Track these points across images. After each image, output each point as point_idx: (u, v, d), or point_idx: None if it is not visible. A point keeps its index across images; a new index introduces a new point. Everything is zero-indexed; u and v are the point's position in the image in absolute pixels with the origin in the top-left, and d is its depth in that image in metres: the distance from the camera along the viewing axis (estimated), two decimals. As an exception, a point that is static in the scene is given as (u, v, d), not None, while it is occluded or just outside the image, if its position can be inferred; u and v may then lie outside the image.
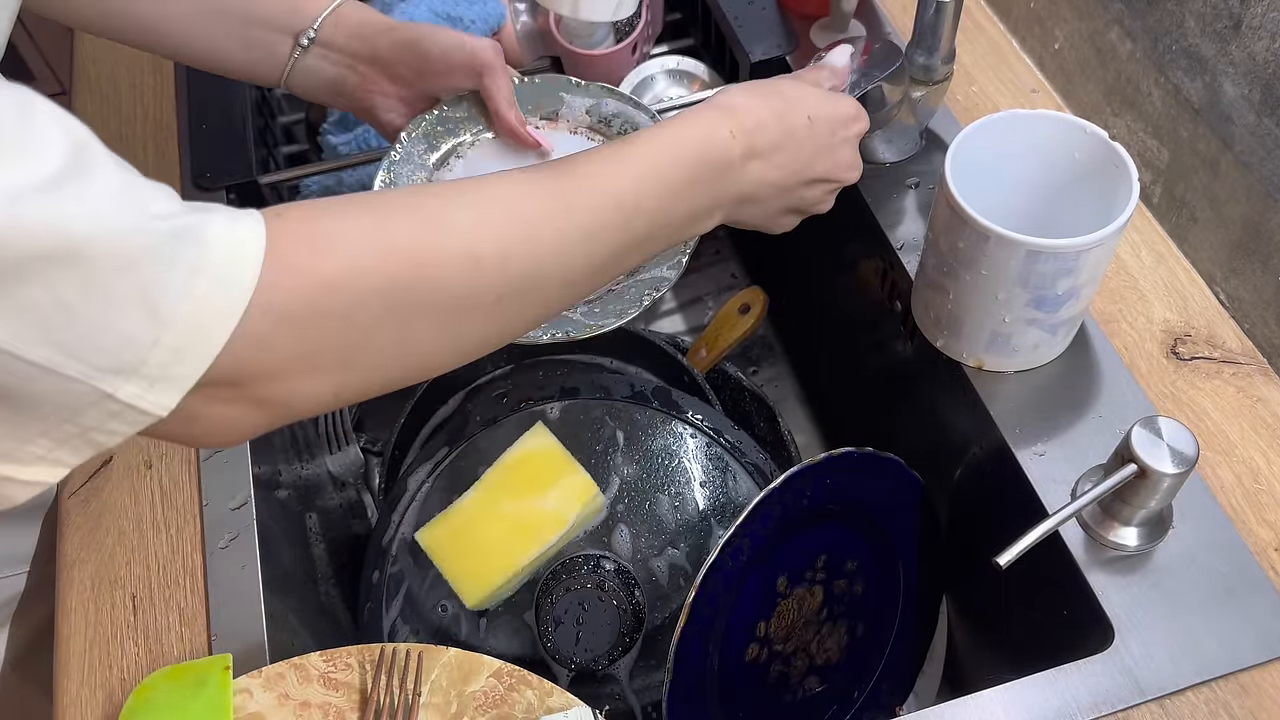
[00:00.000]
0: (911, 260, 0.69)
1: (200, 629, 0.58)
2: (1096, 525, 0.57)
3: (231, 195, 0.75)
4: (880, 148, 0.74)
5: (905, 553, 0.70)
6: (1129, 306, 0.66)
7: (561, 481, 0.66)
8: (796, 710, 0.69)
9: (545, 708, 0.54)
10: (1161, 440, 0.52)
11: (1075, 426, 0.61)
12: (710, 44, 0.86)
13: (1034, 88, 0.78)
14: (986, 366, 0.63)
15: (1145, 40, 0.67)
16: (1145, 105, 0.69)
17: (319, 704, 0.54)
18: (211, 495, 0.62)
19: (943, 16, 0.66)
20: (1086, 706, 0.52)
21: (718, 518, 0.68)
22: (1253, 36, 0.59)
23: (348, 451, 0.85)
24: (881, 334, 0.75)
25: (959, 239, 0.56)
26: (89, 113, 0.82)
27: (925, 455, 0.71)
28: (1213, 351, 0.64)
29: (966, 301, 0.60)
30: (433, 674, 0.55)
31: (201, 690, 0.52)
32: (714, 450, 0.69)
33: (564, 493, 0.66)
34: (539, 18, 0.84)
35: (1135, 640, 0.53)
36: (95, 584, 0.59)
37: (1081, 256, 0.54)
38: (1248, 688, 0.52)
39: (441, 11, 0.78)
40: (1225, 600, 0.54)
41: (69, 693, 0.56)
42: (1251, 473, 0.59)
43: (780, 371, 1.02)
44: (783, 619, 0.65)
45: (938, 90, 0.70)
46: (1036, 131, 0.59)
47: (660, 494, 0.68)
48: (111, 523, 0.61)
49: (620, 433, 0.69)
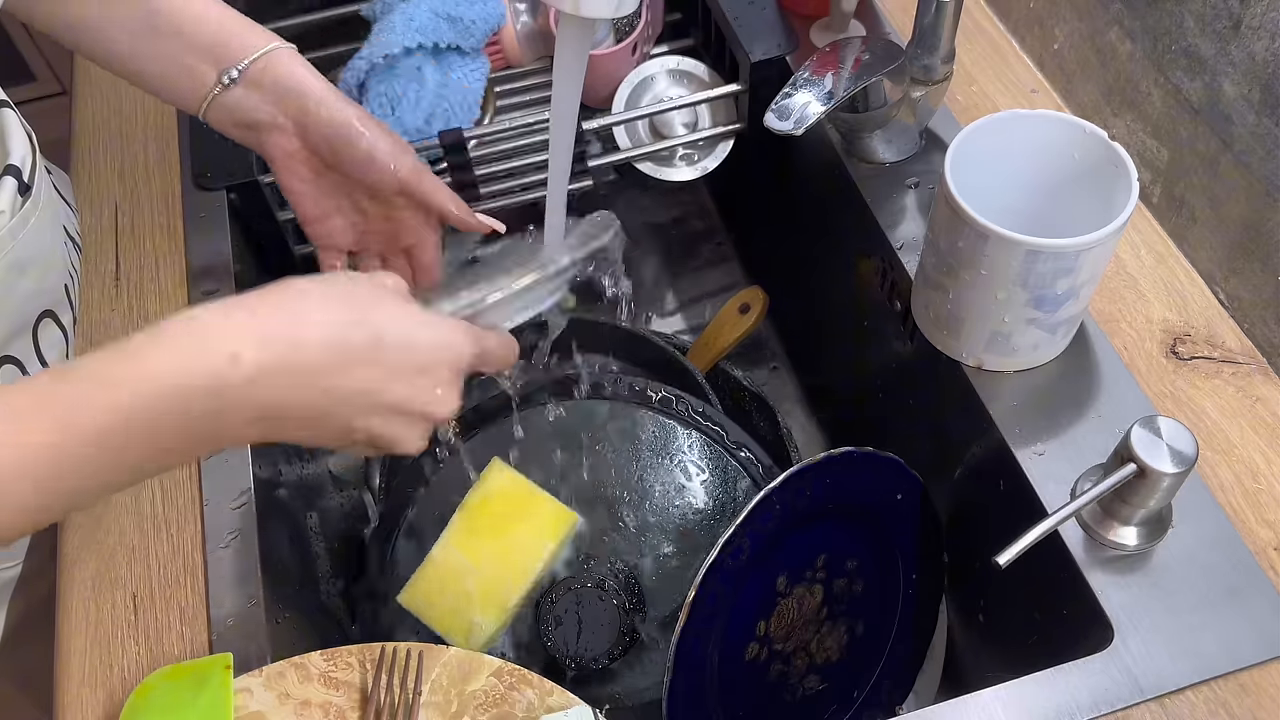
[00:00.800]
0: (911, 260, 0.69)
1: (201, 628, 0.58)
2: (1096, 525, 0.57)
3: (232, 195, 0.75)
4: (880, 148, 0.74)
5: (905, 552, 0.70)
6: (1128, 306, 0.66)
7: (534, 513, 0.65)
8: (796, 709, 0.69)
9: (545, 707, 0.54)
10: (1161, 440, 0.52)
11: (1075, 426, 0.61)
12: (710, 44, 0.86)
13: (1034, 88, 0.78)
14: (986, 366, 0.63)
15: (1145, 40, 0.67)
16: (1145, 105, 0.69)
17: (319, 703, 0.54)
18: (212, 494, 0.62)
19: (942, 16, 0.66)
20: (1086, 706, 0.52)
21: (718, 517, 0.68)
22: (1252, 36, 0.59)
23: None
24: (881, 334, 0.76)
25: (959, 239, 0.56)
26: (89, 113, 0.82)
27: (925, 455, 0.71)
28: (1212, 351, 0.64)
29: (966, 301, 0.60)
30: (433, 673, 0.55)
31: (202, 689, 0.52)
32: (714, 450, 0.69)
33: (539, 525, 0.64)
34: (539, 18, 0.84)
35: (1135, 639, 0.53)
36: (95, 583, 0.59)
37: (1081, 256, 0.54)
38: (1247, 687, 0.52)
39: (442, 12, 0.78)
40: (1225, 599, 0.54)
41: (69, 692, 0.56)
42: (1251, 472, 0.59)
43: (780, 371, 1.02)
44: (783, 618, 0.65)
45: (937, 90, 0.70)
46: (1036, 131, 0.59)
47: (660, 493, 0.68)
48: (112, 522, 0.62)
49: (620, 432, 0.69)
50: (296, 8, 0.88)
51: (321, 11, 0.88)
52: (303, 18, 0.88)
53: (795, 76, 0.65)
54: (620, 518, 0.67)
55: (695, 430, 0.70)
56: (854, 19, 0.82)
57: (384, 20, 0.80)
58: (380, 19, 0.82)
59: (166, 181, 0.77)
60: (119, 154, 0.79)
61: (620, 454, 0.68)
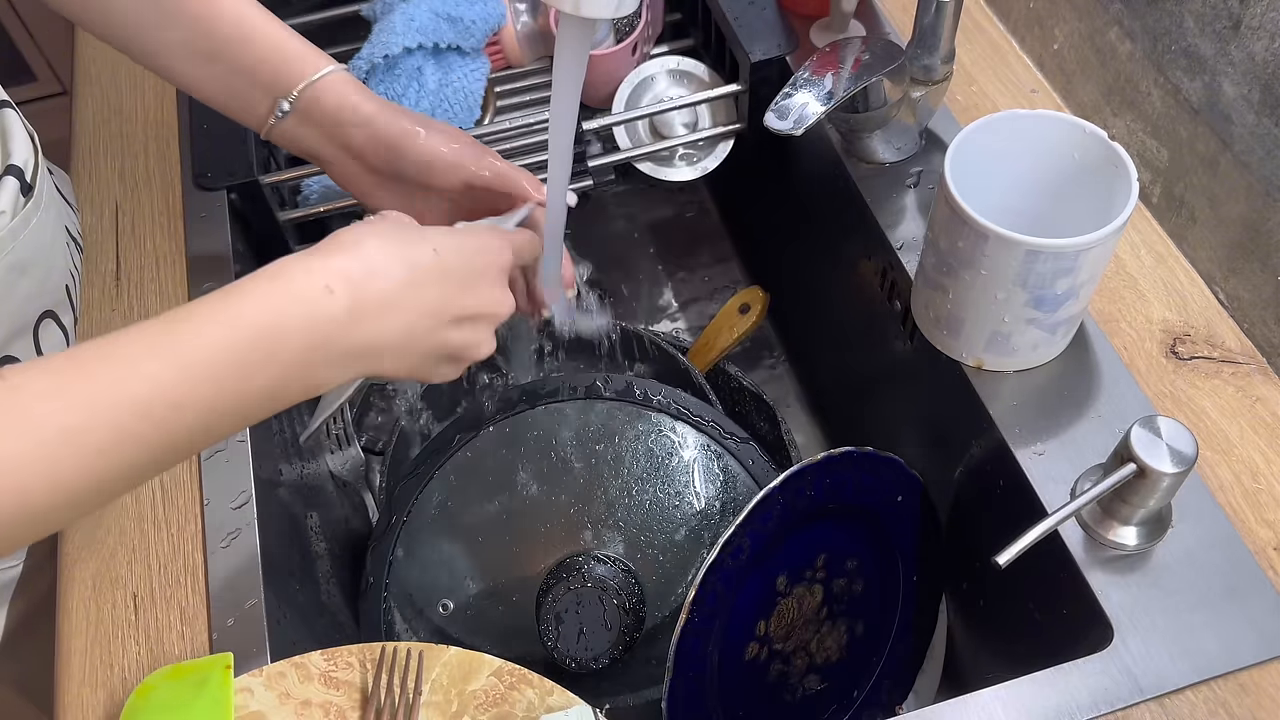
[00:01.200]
0: (911, 260, 0.69)
1: (201, 628, 0.58)
2: (1096, 524, 0.57)
3: (232, 195, 0.75)
4: (880, 147, 0.74)
5: (905, 552, 0.70)
6: (1128, 306, 0.66)
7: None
8: (796, 709, 0.69)
9: (545, 706, 0.54)
10: (1161, 440, 0.52)
11: (1074, 426, 0.61)
12: (710, 44, 0.86)
13: (1033, 88, 0.78)
14: (986, 366, 0.63)
15: (1145, 40, 0.67)
16: (1144, 105, 0.69)
17: (320, 703, 0.54)
18: (212, 494, 0.62)
19: (942, 16, 0.66)
20: (1086, 705, 0.52)
21: (717, 516, 0.68)
22: (1252, 36, 0.59)
23: (349, 451, 0.85)
24: (881, 334, 0.76)
25: (958, 238, 0.57)
26: (89, 112, 0.82)
27: (925, 455, 0.71)
28: (1212, 351, 0.64)
29: (966, 301, 0.60)
30: (433, 673, 0.55)
31: (203, 689, 0.53)
32: (714, 449, 0.69)
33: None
34: (539, 18, 0.84)
35: (1134, 639, 0.54)
36: (96, 583, 0.59)
37: (1081, 256, 0.54)
38: (1247, 687, 0.52)
39: (442, 12, 0.79)
40: (1224, 599, 0.54)
41: (70, 692, 0.56)
42: (1251, 472, 0.59)
43: (780, 371, 1.02)
44: (783, 618, 0.65)
45: (937, 90, 0.70)
46: (1036, 131, 0.59)
47: (660, 493, 0.68)
48: (113, 522, 0.62)
49: (620, 432, 0.69)
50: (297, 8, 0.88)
51: (321, 12, 0.88)
52: (303, 18, 0.88)
53: (795, 76, 0.65)
54: (620, 518, 0.67)
55: (695, 430, 0.70)
56: (854, 19, 0.82)
57: (384, 20, 0.80)
58: (380, 19, 0.82)
59: (167, 181, 0.77)
60: (119, 154, 0.79)
61: (620, 454, 0.68)
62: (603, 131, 0.82)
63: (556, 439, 0.69)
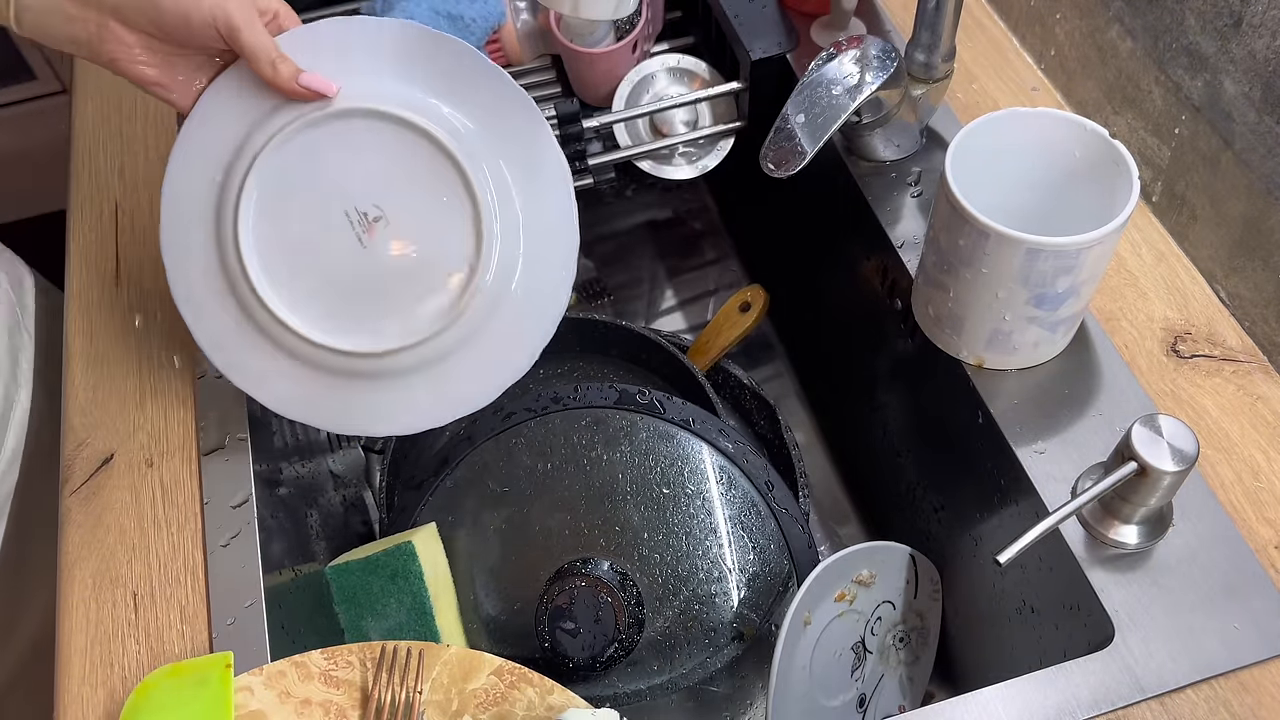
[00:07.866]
0: (912, 258, 0.69)
1: (201, 627, 0.58)
2: (1097, 523, 0.57)
3: (232, 194, 0.75)
4: (880, 146, 0.74)
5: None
6: (1129, 304, 0.66)
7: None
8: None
9: (546, 706, 0.54)
10: (1161, 438, 0.52)
11: (1075, 424, 0.61)
12: (710, 42, 0.86)
13: (1034, 86, 0.78)
14: (987, 364, 0.63)
15: (1146, 38, 0.67)
16: (1146, 103, 0.69)
17: (320, 702, 0.54)
18: (213, 493, 0.62)
19: (943, 14, 0.66)
20: (1086, 704, 0.52)
21: (716, 516, 0.68)
22: (1253, 34, 0.59)
23: (349, 450, 0.85)
24: (882, 332, 0.75)
25: (959, 237, 0.56)
26: (89, 112, 0.82)
27: (925, 454, 0.71)
28: (1213, 349, 0.64)
29: (967, 299, 0.60)
30: (433, 672, 0.55)
31: (203, 688, 0.52)
32: (713, 450, 0.69)
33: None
34: (540, 16, 0.84)
35: (1135, 638, 0.53)
36: (96, 582, 0.59)
37: (1082, 254, 0.54)
38: (1248, 685, 0.52)
39: (442, 10, 0.78)
40: (1225, 598, 0.54)
41: (70, 691, 0.56)
42: (1252, 470, 0.59)
43: (780, 370, 1.02)
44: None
45: (938, 88, 0.70)
46: (1037, 129, 0.59)
47: (659, 494, 0.68)
48: (113, 521, 0.62)
49: (620, 432, 0.69)
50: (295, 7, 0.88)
51: (321, 10, 0.88)
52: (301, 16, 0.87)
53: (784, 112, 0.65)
54: (619, 519, 0.67)
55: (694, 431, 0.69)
56: (855, 16, 0.82)
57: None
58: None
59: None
60: (119, 153, 0.79)
61: (619, 455, 0.68)
62: (603, 129, 0.82)
63: (555, 443, 0.69)
